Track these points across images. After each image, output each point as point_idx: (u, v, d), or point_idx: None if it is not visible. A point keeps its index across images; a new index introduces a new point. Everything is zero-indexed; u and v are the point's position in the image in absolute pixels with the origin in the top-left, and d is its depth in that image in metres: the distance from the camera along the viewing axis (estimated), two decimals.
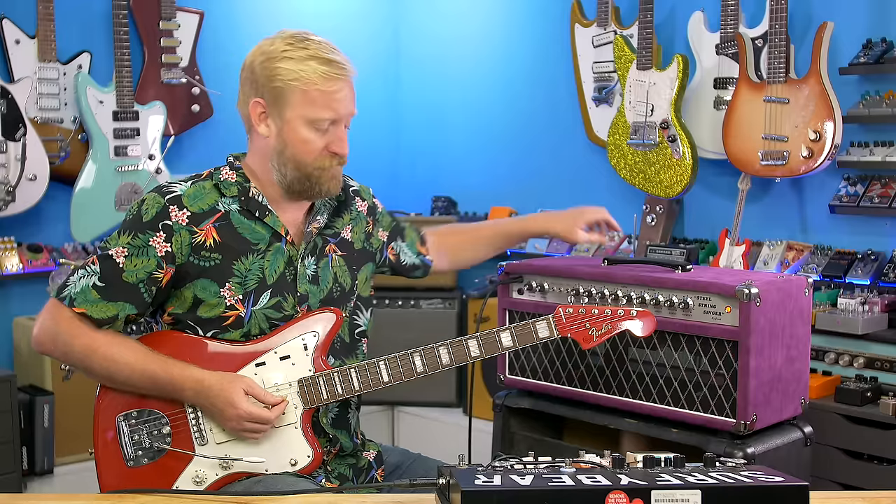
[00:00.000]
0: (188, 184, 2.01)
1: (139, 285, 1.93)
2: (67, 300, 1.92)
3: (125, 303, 1.93)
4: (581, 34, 4.13)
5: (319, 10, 4.78)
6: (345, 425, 2.08)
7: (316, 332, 1.99)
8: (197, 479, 1.93)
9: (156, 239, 1.93)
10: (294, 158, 1.98)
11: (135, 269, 1.92)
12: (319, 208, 2.09)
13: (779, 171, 3.46)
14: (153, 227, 1.93)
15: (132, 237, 1.93)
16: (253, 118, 2.00)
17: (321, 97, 1.95)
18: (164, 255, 1.93)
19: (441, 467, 1.56)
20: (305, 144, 1.97)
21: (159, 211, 1.94)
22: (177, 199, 1.96)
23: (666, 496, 1.42)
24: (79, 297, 1.92)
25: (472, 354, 2.01)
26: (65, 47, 3.90)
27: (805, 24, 3.57)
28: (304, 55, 1.94)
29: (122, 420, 1.94)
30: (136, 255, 1.92)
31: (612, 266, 2.59)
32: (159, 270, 1.94)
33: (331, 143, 1.99)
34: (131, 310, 1.94)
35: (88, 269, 1.93)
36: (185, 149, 4.26)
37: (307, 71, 1.93)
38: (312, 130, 1.97)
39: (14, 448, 3.51)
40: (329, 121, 1.97)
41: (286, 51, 1.95)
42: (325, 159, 1.99)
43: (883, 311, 3.33)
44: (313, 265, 2.05)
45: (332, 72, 1.95)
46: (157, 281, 1.94)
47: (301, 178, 1.99)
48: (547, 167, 4.49)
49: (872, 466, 3.07)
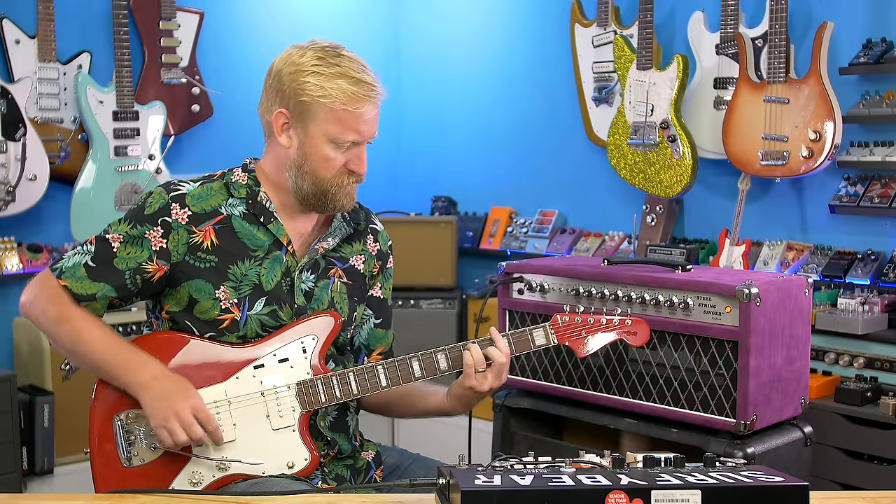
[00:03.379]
0: (197, 184, 2.01)
1: (126, 273, 1.95)
2: (58, 272, 1.96)
3: (106, 284, 1.95)
4: (581, 34, 4.13)
5: (319, 10, 4.78)
6: (343, 428, 2.08)
7: (315, 336, 1.99)
8: (193, 481, 1.93)
9: (152, 233, 1.95)
10: (313, 173, 1.98)
11: (126, 257, 1.95)
12: (334, 231, 2.08)
13: (779, 171, 3.46)
14: (152, 221, 1.95)
15: (131, 226, 1.96)
16: (275, 127, 1.99)
17: (347, 117, 1.93)
18: (157, 251, 1.95)
19: (441, 467, 1.56)
20: (326, 161, 1.97)
21: (161, 206, 1.96)
22: (180, 198, 1.97)
23: (666, 496, 1.42)
24: (67, 272, 1.95)
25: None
26: (65, 47, 3.90)
27: (805, 24, 3.57)
28: (334, 72, 1.93)
29: (119, 420, 1.94)
30: (130, 244, 1.95)
31: (612, 266, 2.59)
32: (149, 263, 1.95)
33: (350, 162, 1.98)
34: (111, 292, 1.96)
35: (85, 248, 1.97)
36: (184, 149, 4.26)
37: (335, 90, 1.92)
38: (334, 148, 1.96)
39: (14, 448, 3.51)
40: (353, 142, 1.96)
41: (316, 65, 1.93)
42: (343, 176, 1.99)
43: (883, 311, 3.33)
44: (311, 281, 2.04)
45: (360, 93, 1.93)
46: (146, 273, 1.95)
47: (317, 192, 1.99)
48: (547, 167, 4.49)
49: (872, 466, 3.07)
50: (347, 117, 1.93)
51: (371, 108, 1.96)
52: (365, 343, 2.18)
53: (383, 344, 2.21)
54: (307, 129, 1.95)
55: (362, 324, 2.17)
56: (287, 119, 1.97)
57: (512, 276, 2.69)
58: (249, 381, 1.96)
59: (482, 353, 2.00)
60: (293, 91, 1.94)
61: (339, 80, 1.92)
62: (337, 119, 1.93)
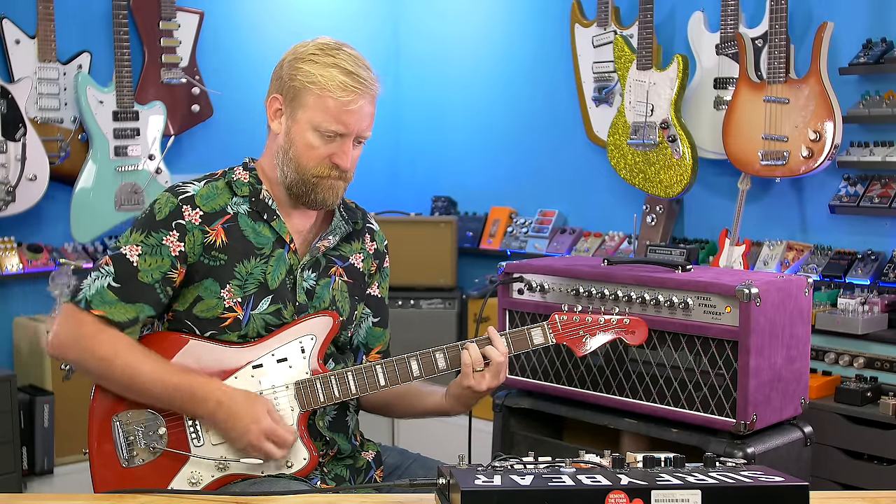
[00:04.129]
0: (201, 184, 2.01)
1: (155, 286, 1.92)
2: (84, 303, 1.90)
3: (143, 304, 1.92)
4: (581, 34, 4.13)
5: (319, 10, 4.78)
6: (343, 428, 2.07)
7: (313, 336, 1.99)
8: (192, 481, 1.92)
9: (169, 238, 1.93)
10: (296, 160, 1.98)
11: (150, 269, 1.91)
12: (334, 229, 2.09)
13: (779, 171, 3.46)
14: (167, 226, 1.93)
15: (145, 236, 1.93)
16: (269, 113, 2.01)
17: (334, 106, 1.93)
18: (177, 255, 1.93)
19: (441, 467, 1.56)
20: (309, 149, 1.97)
21: (172, 210, 1.94)
22: (190, 199, 1.96)
23: (666, 496, 1.42)
24: (95, 300, 1.90)
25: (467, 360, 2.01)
26: (65, 47, 3.90)
27: (805, 24, 3.57)
28: (328, 62, 1.94)
29: (117, 421, 1.94)
30: (149, 255, 1.92)
31: (612, 266, 2.59)
32: (174, 271, 1.93)
33: (334, 155, 1.97)
34: (150, 311, 1.93)
35: (102, 271, 1.92)
36: (184, 149, 4.26)
37: (326, 77, 1.93)
38: (318, 137, 1.96)
39: (14, 448, 3.51)
40: (336, 133, 1.96)
41: (314, 54, 1.95)
42: (324, 168, 1.98)
43: (883, 311, 3.33)
44: (312, 280, 2.04)
45: (350, 84, 1.93)
46: (172, 281, 1.94)
47: (299, 181, 1.99)
48: (547, 167, 4.49)
49: (872, 466, 3.07)
50: (334, 106, 1.93)
51: (360, 101, 1.95)
52: (363, 342, 2.18)
53: (381, 343, 2.21)
54: (295, 114, 1.96)
55: (361, 322, 2.17)
56: (280, 104, 1.99)
57: (512, 276, 2.69)
58: (248, 381, 1.96)
59: (480, 353, 2.00)
60: (288, 76, 1.96)
61: (331, 69, 1.93)
62: (324, 107, 1.93)
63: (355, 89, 1.94)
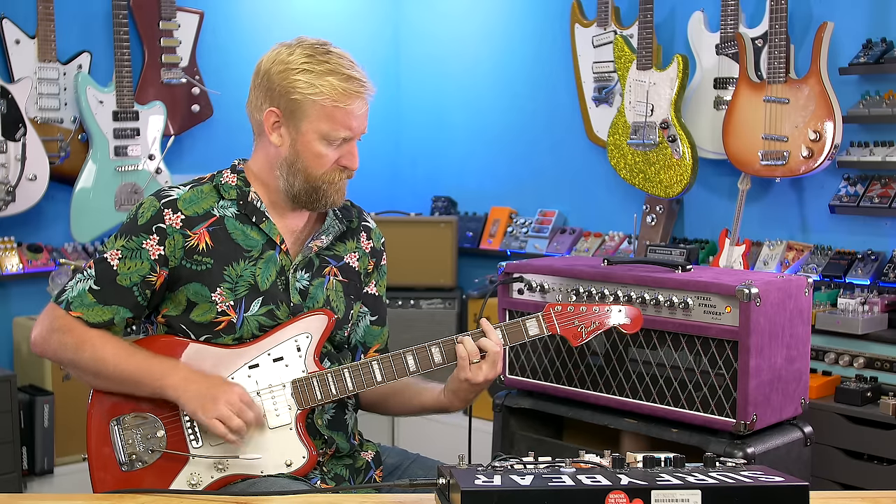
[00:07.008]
0: (187, 188, 2.02)
1: (133, 288, 1.95)
2: (64, 304, 1.95)
3: (119, 306, 1.95)
4: (581, 34, 4.13)
5: (319, 10, 4.78)
6: (342, 427, 2.08)
7: (308, 334, 1.99)
8: (192, 482, 1.93)
9: (149, 241, 1.95)
10: (305, 171, 1.98)
11: (128, 272, 1.94)
12: (327, 229, 2.09)
13: (779, 171, 3.46)
14: (147, 230, 1.95)
15: (127, 240, 1.96)
16: (266, 126, 1.99)
17: (339, 114, 1.94)
18: (157, 259, 1.95)
19: (441, 467, 1.56)
20: (318, 158, 1.97)
21: (154, 214, 1.96)
22: (172, 203, 1.97)
23: (666, 496, 1.42)
24: (75, 301, 1.95)
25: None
26: (65, 47, 3.90)
27: (805, 24, 3.57)
28: (323, 69, 1.93)
29: (115, 424, 1.94)
30: (129, 258, 1.94)
31: (612, 266, 2.59)
32: (153, 274, 1.95)
33: (342, 158, 1.99)
34: (126, 313, 1.96)
35: (85, 274, 1.96)
36: (184, 149, 4.26)
37: (326, 87, 1.93)
38: (326, 145, 1.97)
39: (14, 448, 3.51)
40: (344, 138, 1.97)
41: (306, 63, 1.94)
42: (335, 173, 1.99)
43: (883, 311, 3.33)
44: (306, 280, 2.04)
45: (350, 89, 1.94)
46: (151, 284, 1.96)
47: (309, 189, 2.00)
48: (547, 167, 4.49)
49: (872, 466, 3.07)
50: (339, 114, 1.94)
51: (361, 103, 1.97)
52: (361, 340, 2.19)
53: (379, 341, 2.21)
54: (299, 126, 1.96)
55: (358, 321, 2.17)
56: (278, 117, 1.97)
57: (512, 276, 2.69)
58: (245, 381, 1.96)
59: (475, 345, 2.00)
60: (284, 89, 1.95)
61: (329, 77, 1.93)
62: (329, 116, 1.94)
63: (356, 93, 1.95)
